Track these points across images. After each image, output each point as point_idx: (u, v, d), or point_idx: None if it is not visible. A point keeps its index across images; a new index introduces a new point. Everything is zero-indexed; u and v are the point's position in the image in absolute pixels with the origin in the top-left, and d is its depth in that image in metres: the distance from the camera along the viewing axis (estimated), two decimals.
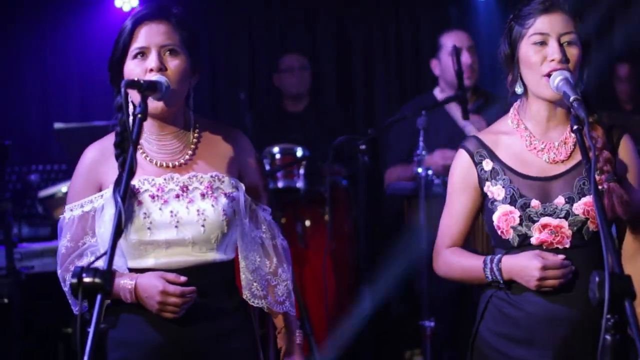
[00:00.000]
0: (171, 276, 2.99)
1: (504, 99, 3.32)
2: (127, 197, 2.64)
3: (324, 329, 6.15)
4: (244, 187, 3.15)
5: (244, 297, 3.19)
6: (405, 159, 5.94)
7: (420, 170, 5.45)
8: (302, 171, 6.23)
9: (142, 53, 3.04)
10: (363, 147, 5.60)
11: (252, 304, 3.19)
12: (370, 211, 6.66)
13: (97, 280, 2.42)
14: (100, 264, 2.49)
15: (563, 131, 3.15)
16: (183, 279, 3.00)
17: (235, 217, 3.10)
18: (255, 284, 3.19)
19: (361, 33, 8.02)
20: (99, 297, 2.42)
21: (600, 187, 3.03)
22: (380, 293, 6.20)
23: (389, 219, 7.12)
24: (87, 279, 2.42)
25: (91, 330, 2.37)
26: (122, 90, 2.87)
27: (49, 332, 6.15)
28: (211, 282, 3.07)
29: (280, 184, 6.24)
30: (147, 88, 2.90)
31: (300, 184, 6.24)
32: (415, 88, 7.94)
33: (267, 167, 6.14)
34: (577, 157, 3.11)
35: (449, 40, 6.19)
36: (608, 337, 2.43)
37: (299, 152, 6.27)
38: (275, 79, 7.10)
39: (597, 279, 2.43)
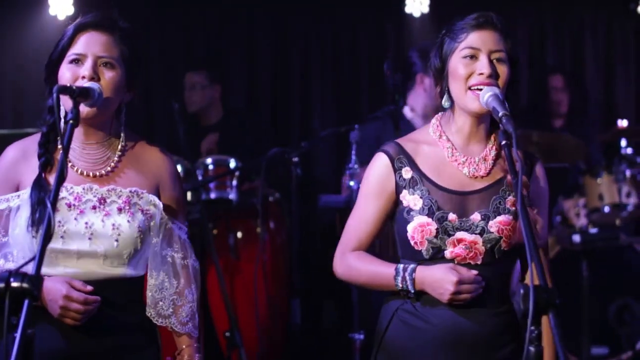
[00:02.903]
0: (77, 283, 2.97)
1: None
2: (55, 202, 2.62)
3: (254, 340, 6.14)
4: (161, 205, 3.13)
5: (149, 315, 3.15)
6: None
7: (352, 183, 5.47)
8: (234, 183, 6.23)
9: (78, 60, 3.03)
10: (296, 159, 5.62)
11: (157, 322, 3.15)
12: (303, 223, 6.68)
13: (25, 285, 2.41)
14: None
15: (483, 147, 3.17)
16: (89, 288, 2.97)
17: (150, 234, 3.10)
18: (160, 302, 3.15)
19: (298, 46, 8.05)
20: (26, 302, 2.40)
21: (512, 208, 3.09)
22: (311, 305, 6.21)
23: (321, 231, 7.15)
24: (15, 284, 2.40)
25: (18, 335, 2.35)
26: (54, 95, 2.86)
27: None
28: (118, 296, 3.05)
29: (212, 195, 6.23)
30: (79, 94, 2.88)
31: (232, 196, 6.23)
32: (351, 102, 8.00)
33: (200, 178, 6.13)
34: (496, 175, 3.15)
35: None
36: (532, 348, 2.46)
37: (232, 164, 6.27)
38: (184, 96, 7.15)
39: (522, 290, 2.45)
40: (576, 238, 6.55)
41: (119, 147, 3.14)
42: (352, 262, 3.19)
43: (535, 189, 3.19)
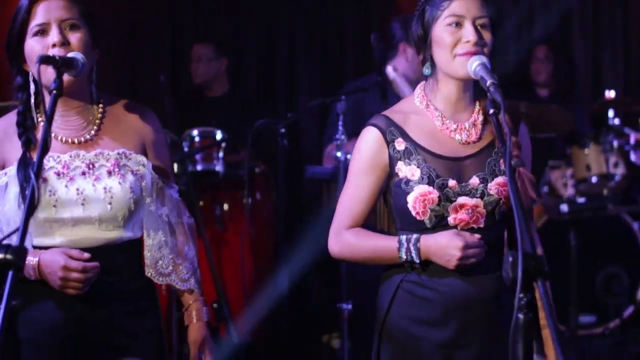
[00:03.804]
0: (75, 252, 2.96)
1: None
2: (39, 173, 2.59)
3: (241, 311, 6.14)
4: (150, 165, 3.11)
5: (148, 275, 3.14)
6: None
7: (339, 154, 5.45)
8: (220, 154, 6.21)
9: (43, 30, 2.99)
10: (282, 130, 5.60)
11: (157, 281, 3.15)
12: (290, 195, 6.67)
13: (8, 256, 2.38)
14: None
15: (471, 113, 3.17)
16: (87, 255, 2.96)
17: (142, 194, 3.08)
18: (160, 261, 3.14)
19: (284, 17, 8.02)
20: (10, 273, 2.38)
21: None
22: (298, 276, 6.21)
23: (308, 203, 7.14)
24: None
25: (2, 307, 2.34)
26: (37, 65, 2.82)
27: None
28: (118, 260, 3.05)
29: (199, 167, 6.21)
30: (63, 64, 2.85)
31: (219, 167, 6.22)
32: (338, 72, 7.98)
33: (186, 150, 6.10)
34: (487, 138, 3.15)
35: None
36: (520, 315, 2.45)
37: (218, 135, 6.25)
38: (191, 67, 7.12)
39: (510, 258, 2.44)
40: (564, 208, 6.55)
41: (99, 110, 3.12)
42: (349, 239, 3.16)
43: (522, 149, 3.18)
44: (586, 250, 6.70)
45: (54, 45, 2.95)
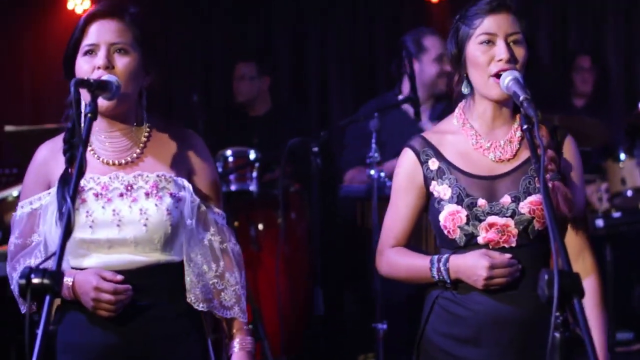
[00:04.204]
0: (108, 274, 2.96)
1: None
2: (75, 196, 2.61)
3: (277, 332, 6.14)
4: (191, 188, 3.10)
5: (189, 300, 3.07)
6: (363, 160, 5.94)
7: (372, 172, 5.45)
8: (254, 174, 6.22)
9: (92, 50, 3.02)
10: (316, 149, 5.60)
11: (197, 307, 3.07)
12: (324, 213, 6.67)
13: (45, 281, 2.40)
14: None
15: (508, 130, 3.17)
16: (119, 277, 2.96)
17: (182, 218, 3.06)
18: (199, 287, 3.08)
19: (316, 34, 8.05)
20: (47, 298, 2.39)
21: None
22: (334, 296, 6.20)
23: (342, 221, 7.13)
24: (35, 280, 2.40)
25: (40, 331, 2.35)
26: (72, 89, 2.85)
27: (1, 337, 6.08)
28: (154, 284, 3.03)
29: (233, 187, 6.23)
30: (97, 87, 2.88)
31: (253, 187, 6.23)
32: (369, 89, 7.98)
33: (220, 170, 6.12)
34: (523, 156, 3.14)
35: (434, 46, 6.19)
36: (557, 334, 2.44)
37: (252, 155, 6.26)
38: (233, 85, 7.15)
39: (546, 276, 2.43)
40: (599, 223, 6.51)
41: (144, 133, 3.13)
42: (391, 258, 3.24)
43: (567, 161, 3.17)
44: (622, 265, 6.65)
45: (98, 68, 2.98)
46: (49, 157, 3.11)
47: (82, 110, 2.96)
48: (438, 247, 3.21)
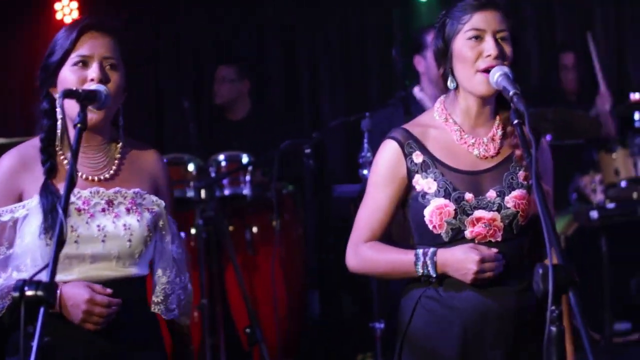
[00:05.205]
0: (98, 287, 2.96)
1: None
2: (67, 208, 2.61)
3: (274, 334, 6.14)
4: (164, 204, 3.15)
5: (158, 310, 3.16)
6: None
7: (365, 172, 5.44)
8: (247, 178, 6.21)
9: (83, 62, 3.02)
10: (308, 150, 5.60)
11: (165, 317, 3.17)
12: (318, 215, 6.67)
13: (39, 293, 2.40)
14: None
15: (490, 127, 3.17)
16: (109, 290, 2.97)
17: (155, 232, 3.11)
18: (170, 298, 3.17)
19: (305, 36, 8.05)
20: (42, 309, 2.39)
21: (525, 182, 3.10)
22: (330, 296, 6.20)
23: (336, 222, 7.13)
24: (29, 292, 2.40)
25: (35, 343, 2.35)
26: (60, 99, 2.84)
27: None
28: (129, 296, 3.04)
29: (226, 192, 6.22)
30: (85, 97, 2.87)
31: (246, 191, 6.22)
32: (360, 90, 7.98)
33: (213, 175, 6.12)
34: (504, 153, 3.15)
35: None
36: (553, 328, 2.45)
37: (245, 159, 6.26)
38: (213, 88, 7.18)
39: (540, 270, 2.44)
40: (594, 214, 6.51)
41: (118, 149, 3.14)
42: (367, 253, 3.16)
43: (542, 163, 3.18)
44: (618, 256, 6.65)
45: (91, 80, 2.98)
46: (19, 167, 3.06)
47: (59, 118, 3.00)
48: (415, 244, 3.14)
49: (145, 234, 3.05)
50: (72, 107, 2.91)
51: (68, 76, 3.01)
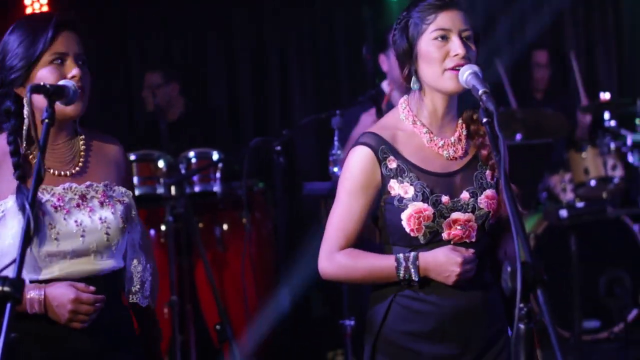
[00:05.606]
0: (81, 285, 2.95)
1: None
2: (34, 203, 2.58)
3: (244, 331, 6.13)
4: (131, 194, 3.15)
5: (135, 300, 3.19)
6: None
7: (336, 169, 5.44)
8: (218, 175, 6.20)
9: (60, 59, 2.99)
10: (278, 148, 5.60)
11: (142, 304, 3.19)
12: (288, 212, 6.66)
13: (6, 289, 2.39)
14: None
15: (455, 128, 3.17)
16: (92, 288, 2.96)
17: (128, 223, 3.11)
18: (146, 285, 3.20)
19: (276, 33, 8.04)
20: (8, 305, 2.38)
21: (492, 181, 3.13)
22: (300, 294, 6.19)
23: (306, 219, 7.13)
24: None
25: (1, 339, 2.33)
26: (28, 95, 2.81)
27: None
28: (107, 290, 3.04)
29: (196, 188, 6.20)
30: (53, 93, 2.84)
31: (216, 188, 6.21)
32: (330, 87, 7.98)
33: (183, 172, 6.10)
34: (471, 152, 3.16)
35: None
36: (522, 325, 2.46)
37: (215, 156, 6.24)
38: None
39: (509, 268, 2.44)
40: (563, 213, 6.54)
41: (82, 143, 3.13)
42: (343, 260, 3.11)
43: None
44: (587, 254, 6.69)
45: (72, 77, 2.96)
46: None
47: (26, 117, 2.96)
48: (389, 244, 3.12)
49: (121, 225, 3.05)
50: (41, 102, 2.88)
51: (46, 75, 2.97)
